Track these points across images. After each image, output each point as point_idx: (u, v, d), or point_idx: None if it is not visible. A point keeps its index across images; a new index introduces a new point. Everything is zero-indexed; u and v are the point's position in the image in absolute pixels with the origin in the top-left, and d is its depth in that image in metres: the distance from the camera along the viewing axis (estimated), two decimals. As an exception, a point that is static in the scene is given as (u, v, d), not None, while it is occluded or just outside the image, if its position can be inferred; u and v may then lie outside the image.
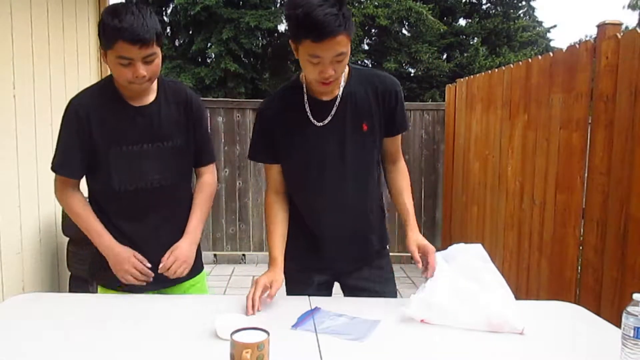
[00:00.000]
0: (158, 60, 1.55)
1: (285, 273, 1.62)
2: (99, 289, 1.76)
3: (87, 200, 1.71)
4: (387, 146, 1.70)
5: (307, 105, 1.58)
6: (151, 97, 1.65)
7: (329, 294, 1.79)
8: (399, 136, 1.71)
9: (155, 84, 1.66)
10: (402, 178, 1.73)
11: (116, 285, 1.66)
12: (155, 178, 1.65)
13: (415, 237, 1.61)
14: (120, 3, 1.56)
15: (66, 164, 1.64)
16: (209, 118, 1.76)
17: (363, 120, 1.59)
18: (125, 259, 1.61)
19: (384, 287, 1.75)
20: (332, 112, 1.57)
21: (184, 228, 1.70)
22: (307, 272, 1.74)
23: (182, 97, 1.69)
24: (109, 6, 1.56)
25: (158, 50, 1.54)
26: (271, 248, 1.64)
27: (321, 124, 1.57)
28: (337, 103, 1.57)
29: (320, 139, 1.58)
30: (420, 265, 1.55)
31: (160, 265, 1.61)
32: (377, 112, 1.60)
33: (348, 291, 1.77)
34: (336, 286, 1.82)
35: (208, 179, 1.79)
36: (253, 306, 1.46)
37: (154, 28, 1.50)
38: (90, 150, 1.61)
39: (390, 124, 1.64)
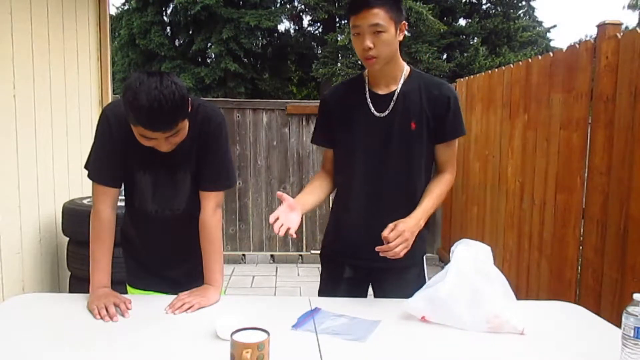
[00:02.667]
0: (184, 131, 1.46)
1: (322, 267, 1.85)
2: (129, 289, 1.77)
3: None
4: (438, 154, 1.72)
5: (368, 97, 1.68)
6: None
7: (364, 295, 1.80)
8: (451, 147, 1.72)
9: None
10: (437, 182, 1.71)
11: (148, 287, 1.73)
12: (173, 204, 1.63)
13: (403, 219, 1.55)
14: (140, 77, 1.35)
15: (102, 173, 1.58)
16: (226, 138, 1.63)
17: (412, 119, 1.65)
18: (108, 293, 1.53)
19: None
20: (391, 106, 1.65)
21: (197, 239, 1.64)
22: (339, 261, 1.77)
23: (204, 127, 1.57)
24: (129, 80, 1.36)
25: (185, 123, 1.44)
26: (302, 193, 1.73)
27: (380, 114, 1.66)
28: (394, 98, 1.66)
29: (373, 129, 1.67)
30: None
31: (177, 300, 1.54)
32: (427, 115, 1.65)
33: (381, 294, 1.76)
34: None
35: (207, 217, 1.61)
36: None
37: (175, 113, 1.36)
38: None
39: (441, 130, 1.67)
